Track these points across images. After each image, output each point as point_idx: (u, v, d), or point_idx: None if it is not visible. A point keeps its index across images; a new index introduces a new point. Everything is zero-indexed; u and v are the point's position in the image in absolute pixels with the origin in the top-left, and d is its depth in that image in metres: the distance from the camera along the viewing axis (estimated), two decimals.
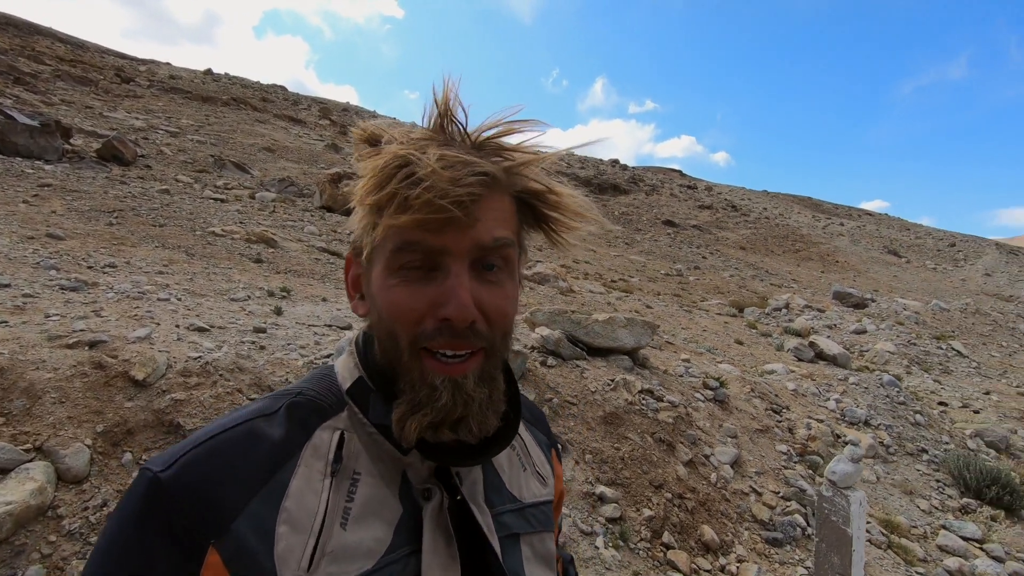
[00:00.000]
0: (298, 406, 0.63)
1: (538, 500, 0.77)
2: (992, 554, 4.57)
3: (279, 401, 0.64)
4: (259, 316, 4.98)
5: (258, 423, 0.60)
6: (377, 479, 0.62)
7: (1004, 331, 15.38)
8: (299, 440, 0.61)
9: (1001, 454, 6.67)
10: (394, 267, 0.60)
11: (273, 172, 16.73)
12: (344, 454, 0.61)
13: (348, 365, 0.69)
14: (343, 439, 0.62)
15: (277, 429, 0.60)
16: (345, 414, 0.65)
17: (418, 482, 0.63)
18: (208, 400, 2.92)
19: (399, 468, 0.63)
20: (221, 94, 28.18)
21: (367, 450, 0.63)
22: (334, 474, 0.60)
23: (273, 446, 0.59)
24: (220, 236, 8.95)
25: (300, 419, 0.62)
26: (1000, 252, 32.60)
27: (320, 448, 0.61)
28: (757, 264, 23.52)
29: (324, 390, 0.67)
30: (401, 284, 0.59)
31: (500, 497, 0.71)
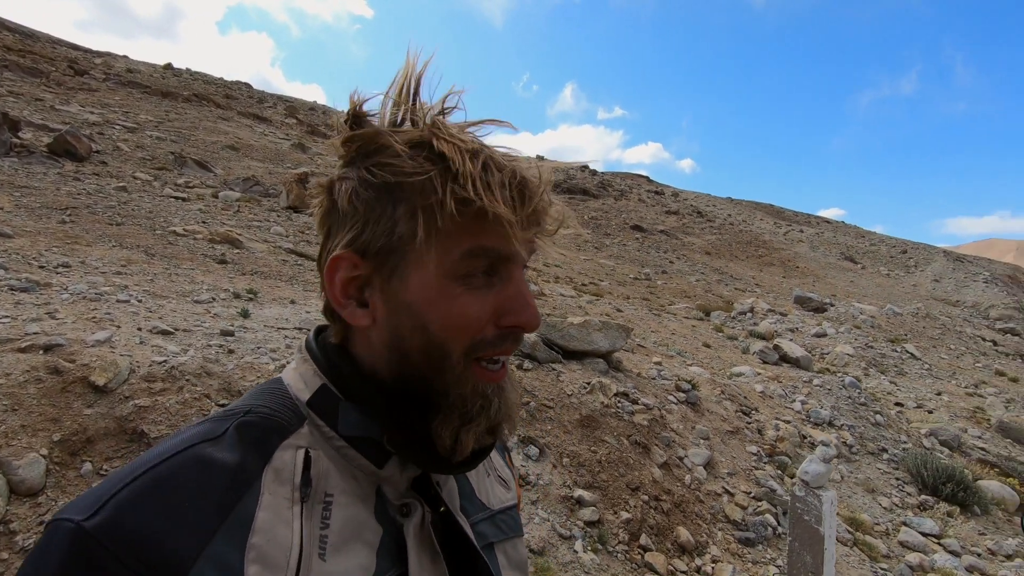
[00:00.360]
0: (250, 426, 0.54)
1: (505, 505, 0.74)
2: (949, 548, 4.77)
3: (224, 422, 0.54)
4: (225, 319, 4.81)
5: (204, 448, 0.50)
6: (352, 498, 0.55)
7: (952, 334, 16.15)
8: (257, 464, 0.51)
9: (954, 452, 6.98)
10: (459, 273, 0.54)
11: (237, 171, 16.26)
12: (312, 475, 0.53)
13: (304, 374, 0.60)
14: (309, 458, 0.54)
15: (229, 454, 0.50)
16: (306, 429, 0.56)
17: (395, 497, 0.57)
18: (174, 406, 2.79)
19: (373, 484, 0.57)
20: (182, 90, 27.27)
21: (336, 467, 0.55)
22: (304, 499, 0.51)
23: (228, 473, 0.49)
24: (182, 236, 8.64)
25: (254, 440, 0.53)
26: (947, 259, 34.28)
27: (283, 471, 0.52)
28: (722, 269, 24.09)
29: (277, 405, 0.57)
30: (467, 292, 0.54)
31: (472, 505, 0.67)
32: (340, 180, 0.57)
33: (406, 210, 0.53)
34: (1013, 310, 22.68)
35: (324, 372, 0.59)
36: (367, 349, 0.59)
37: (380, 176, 0.53)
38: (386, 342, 0.56)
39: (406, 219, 0.53)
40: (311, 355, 0.61)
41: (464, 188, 0.51)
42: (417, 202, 0.52)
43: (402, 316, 0.55)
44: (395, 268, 0.55)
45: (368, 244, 0.55)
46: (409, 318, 0.55)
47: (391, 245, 0.54)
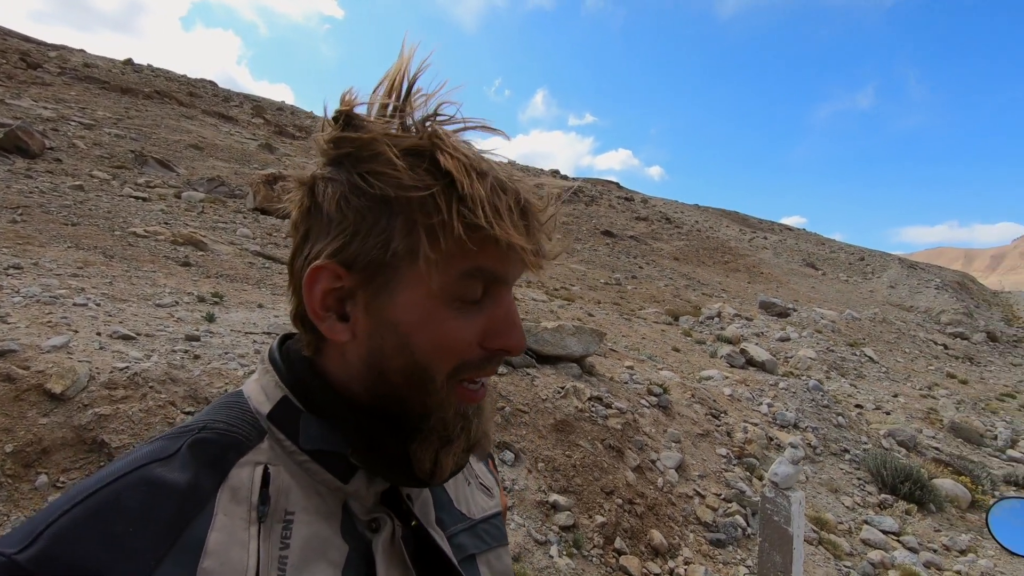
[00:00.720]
0: (204, 443, 0.51)
1: (487, 513, 0.71)
2: (907, 545, 4.94)
3: (178, 440, 0.51)
4: (190, 323, 4.65)
5: (153, 469, 0.47)
6: (315, 515, 0.52)
7: (907, 338, 16.82)
8: (211, 484, 0.48)
9: (910, 452, 7.26)
10: (454, 295, 0.52)
11: (201, 171, 15.80)
12: (271, 492, 0.50)
13: (265, 386, 0.57)
14: (268, 474, 0.51)
15: (180, 473, 0.47)
16: (266, 444, 0.53)
17: (362, 513, 0.55)
18: (137, 415, 2.68)
19: (339, 500, 0.54)
20: (143, 86, 26.38)
21: (298, 483, 0.52)
22: (261, 519, 0.49)
23: (178, 495, 0.46)
24: (143, 237, 8.34)
25: (210, 458, 0.50)
26: (902, 266, 35.75)
27: (240, 490, 0.49)
28: (690, 274, 24.56)
29: (235, 419, 0.54)
30: (456, 314, 0.52)
31: (451, 516, 0.65)
32: (324, 180, 0.53)
33: (403, 226, 0.50)
34: (962, 315, 23.77)
35: (286, 383, 0.56)
36: (340, 363, 0.56)
37: (376, 186, 0.50)
38: (364, 359, 0.54)
39: (403, 235, 0.50)
40: (273, 365, 0.58)
41: (474, 213, 0.48)
42: (417, 219, 0.49)
43: (386, 334, 0.52)
44: (384, 284, 0.51)
45: (356, 256, 0.51)
46: (393, 337, 0.52)
47: (383, 260, 0.51)
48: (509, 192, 0.51)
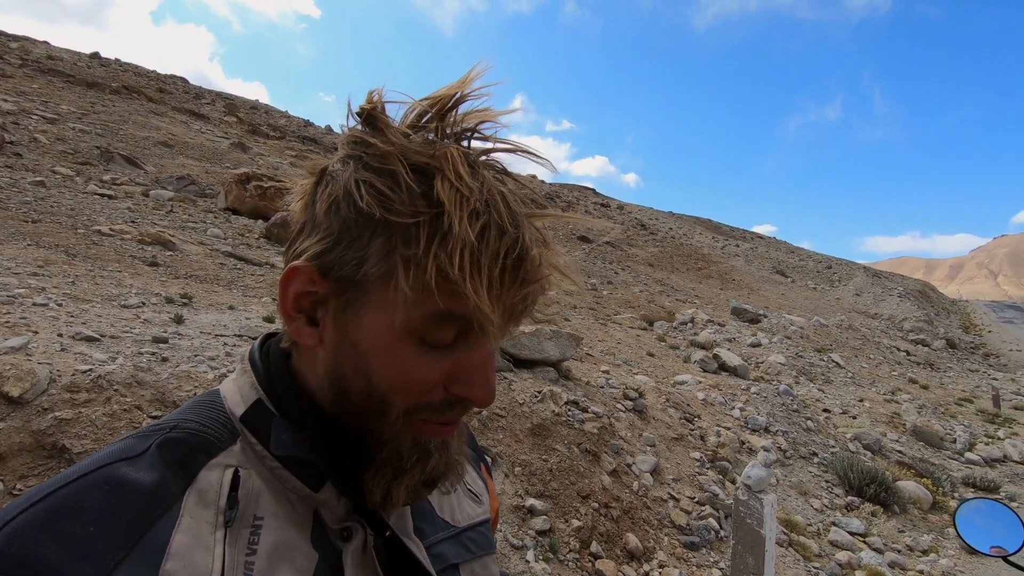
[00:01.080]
0: (174, 442, 0.49)
1: (474, 521, 0.69)
2: (873, 546, 5.07)
3: (148, 439, 0.49)
4: (157, 324, 4.51)
5: (119, 468, 0.45)
6: (284, 521, 0.50)
7: (871, 345, 17.34)
8: (178, 485, 0.47)
9: (876, 455, 7.46)
10: (420, 334, 0.48)
11: (171, 169, 15.40)
12: (240, 496, 0.49)
13: (242, 386, 0.55)
14: (237, 478, 0.49)
15: (146, 473, 0.46)
16: (238, 447, 0.52)
17: (334, 521, 0.53)
18: (101, 419, 2.57)
19: (310, 508, 0.52)
20: (110, 80, 25.61)
21: (269, 488, 0.51)
22: (228, 523, 0.47)
23: (142, 496, 0.44)
24: (108, 236, 8.07)
25: (178, 458, 0.48)
26: (867, 275, 36.91)
27: (207, 493, 0.48)
28: (664, 280, 24.90)
29: (208, 419, 0.53)
30: (416, 352, 0.48)
31: (432, 525, 0.63)
32: (329, 177, 0.51)
33: (381, 248, 0.47)
34: (923, 323, 24.64)
35: (262, 385, 0.55)
36: (311, 367, 0.54)
37: (365, 200, 0.46)
38: (329, 371, 0.52)
39: (378, 258, 0.47)
40: (252, 366, 0.57)
41: (450, 259, 0.44)
42: (396, 246, 0.46)
43: (347, 353, 0.50)
44: (351, 302, 0.49)
45: (332, 266, 0.49)
46: (354, 359, 0.50)
47: (354, 278, 0.48)
48: (506, 238, 0.46)
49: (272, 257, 9.90)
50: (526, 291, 0.48)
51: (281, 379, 0.55)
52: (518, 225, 0.47)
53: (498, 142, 0.52)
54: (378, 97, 0.51)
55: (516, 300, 0.48)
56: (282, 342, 0.58)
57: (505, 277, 0.46)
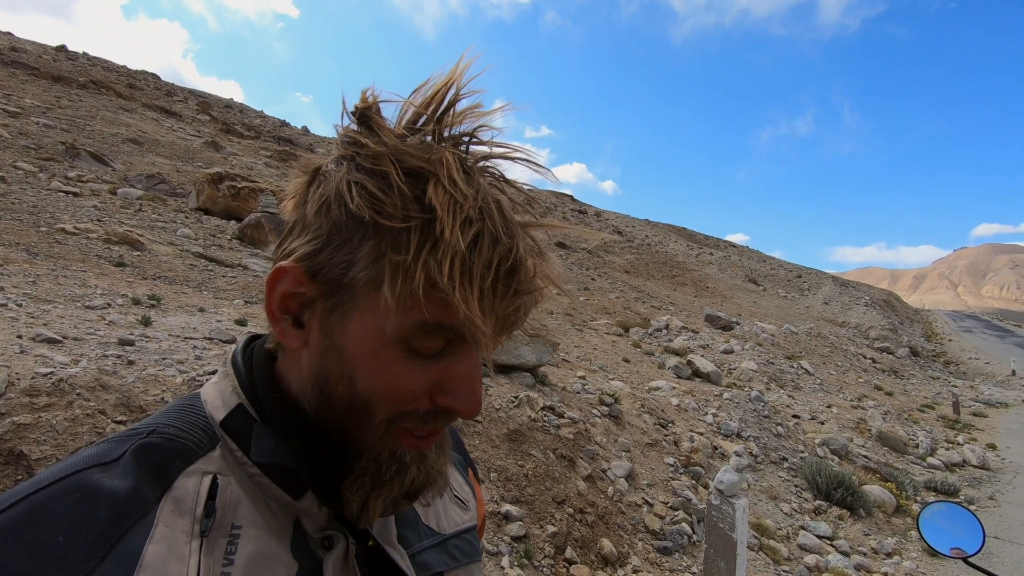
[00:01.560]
0: (151, 448, 0.47)
1: (460, 528, 0.68)
2: (840, 549, 5.19)
3: (123, 444, 0.47)
4: (124, 327, 4.38)
5: (92, 475, 0.44)
6: (263, 530, 0.49)
7: (839, 352, 17.80)
8: (153, 492, 0.45)
9: (843, 460, 7.64)
10: (407, 342, 0.47)
11: (140, 166, 15.00)
12: (218, 504, 0.47)
13: (223, 390, 0.54)
14: (216, 485, 0.48)
15: (120, 480, 0.44)
16: (218, 453, 0.50)
17: (315, 530, 0.52)
18: (62, 424, 2.48)
19: (291, 516, 0.51)
20: (77, 75, 24.87)
21: (248, 496, 0.49)
22: (204, 533, 0.45)
23: (116, 503, 0.43)
24: (72, 234, 7.81)
25: (154, 465, 0.47)
26: (835, 284, 37.93)
27: (184, 501, 0.46)
28: (640, 287, 25.17)
29: (187, 424, 0.51)
30: (403, 359, 0.47)
31: (416, 533, 0.62)
32: (322, 177, 0.50)
33: (371, 252, 0.46)
34: (888, 331, 25.39)
35: (244, 390, 0.53)
36: (295, 370, 0.53)
37: (356, 202, 0.45)
38: (312, 374, 0.51)
39: (367, 261, 0.46)
40: (234, 369, 0.55)
41: (439, 267, 0.43)
42: (386, 251, 0.45)
43: (332, 358, 0.49)
44: (339, 305, 0.48)
45: (321, 267, 0.48)
46: (338, 363, 0.48)
47: (342, 281, 0.47)
48: (499, 247, 0.45)
49: (245, 259, 9.71)
50: (519, 302, 0.47)
51: (264, 383, 0.53)
52: (513, 234, 0.46)
53: (496, 146, 0.51)
54: (373, 97, 0.50)
55: (509, 311, 0.47)
56: (267, 343, 0.57)
57: (498, 287, 0.45)
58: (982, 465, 8.78)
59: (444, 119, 0.49)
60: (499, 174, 0.51)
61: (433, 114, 0.49)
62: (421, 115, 0.49)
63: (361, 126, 0.49)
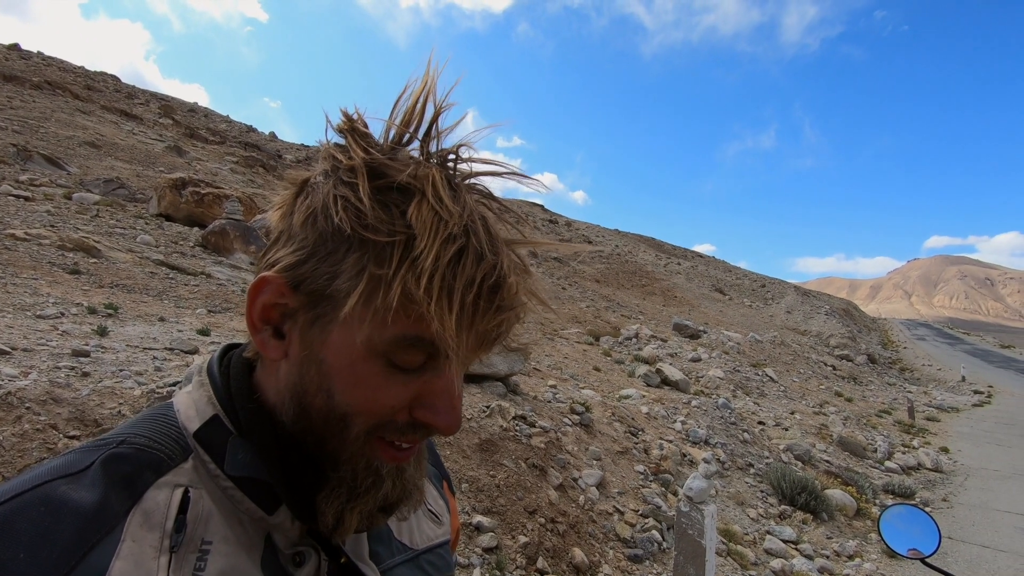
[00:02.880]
0: (120, 459, 0.46)
1: (433, 543, 0.67)
2: (804, 553, 5.31)
3: (92, 454, 0.46)
4: (78, 337, 4.21)
5: (57, 487, 0.43)
6: (234, 546, 0.48)
7: (802, 360, 18.31)
8: (122, 506, 0.44)
9: (806, 465, 7.84)
10: (386, 356, 0.47)
11: (97, 171, 14.47)
12: (188, 519, 0.46)
13: (197, 400, 0.53)
14: (187, 499, 0.47)
15: (87, 492, 0.43)
16: (190, 465, 0.49)
17: (286, 546, 0.51)
18: (10, 439, 2.35)
19: (262, 531, 0.51)
20: (31, 74, 23.92)
21: (220, 510, 0.49)
22: (174, 548, 0.44)
23: (81, 518, 0.42)
24: (23, 240, 7.47)
25: (123, 476, 0.45)
26: (797, 294, 39.10)
27: (154, 514, 0.45)
28: (610, 296, 25.46)
29: (159, 435, 0.50)
30: (383, 373, 0.47)
31: (388, 548, 0.61)
32: (311, 188, 0.50)
33: (354, 265, 0.46)
34: (847, 339, 26.27)
35: (220, 400, 0.53)
36: (272, 380, 0.52)
37: (342, 216, 0.46)
38: (291, 386, 0.50)
39: (350, 274, 0.46)
40: (210, 379, 0.54)
41: (417, 282, 0.43)
42: (368, 264, 0.45)
43: (312, 369, 0.49)
44: (320, 316, 0.48)
45: (304, 279, 0.48)
46: (318, 375, 0.48)
47: (325, 292, 0.47)
48: (483, 264, 0.45)
49: (209, 266, 9.44)
50: (501, 318, 0.47)
51: (241, 394, 0.53)
52: (497, 252, 0.47)
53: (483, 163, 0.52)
54: (358, 115, 0.50)
55: (490, 327, 0.47)
56: (246, 352, 0.56)
57: (480, 303, 0.45)
58: (936, 468, 9.12)
59: (429, 135, 0.50)
60: (486, 191, 0.52)
61: (416, 131, 0.50)
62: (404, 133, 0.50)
63: (348, 141, 0.49)
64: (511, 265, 0.48)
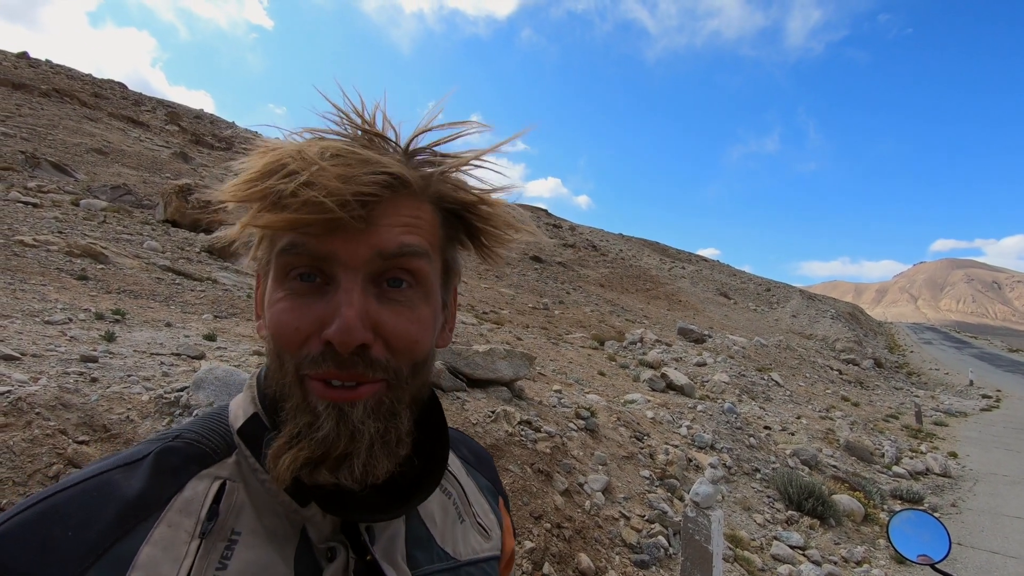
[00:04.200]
0: (171, 451, 0.51)
1: (478, 557, 0.66)
2: (812, 559, 5.27)
3: (151, 446, 0.51)
4: (86, 343, 4.23)
5: (114, 475, 0.48)
6: (263, 539, 0.50)
7: (807, 364, 18.22)
8: (165, 493, 0.48)
9: (812, 470, 7.79)
10: (281, 276, 0.51)
11: (105, 177, 14.58)
12: (222, 508, 0.49)
13: (244, 401, 0.58)
14: (224, 490, 0.50)
15: (136, 482, 0.48)
16: (233, 460, 0.53)
17: (319, 540, 0.52)
18: (20, 444, 2.37)
19: (298, 524, 0.52)
20: (39, 83, 24.16)
21: (255, 503, 0.51)
22: (204, 535, 0.47)
23: (124, 504, 0.46)
24: (31, 247, 7.54)
25: (171, 468, 0.50)
26: (803, 297, 38.95)
27: (192, 502, 0.48)
28: (614, 301, 25.42)
29: (209, 431, 0.54)
30: (287, 298, 0.50)
31: (428, 554, 0.61)
32: None
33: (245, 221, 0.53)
34: (853, 343, 26.13)
35: (261, 400, 0.57)
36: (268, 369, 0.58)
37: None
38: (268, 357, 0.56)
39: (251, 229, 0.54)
40: (256, 382, 0.59)
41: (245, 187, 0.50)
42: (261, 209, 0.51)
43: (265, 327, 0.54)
44: (265, 279, 0.55)
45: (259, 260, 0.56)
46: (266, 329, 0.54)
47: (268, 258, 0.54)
48: (273, 155, 0.50)
49: (215, 272, 9.49)
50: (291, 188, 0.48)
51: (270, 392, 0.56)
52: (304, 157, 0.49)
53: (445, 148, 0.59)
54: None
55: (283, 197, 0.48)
56: None
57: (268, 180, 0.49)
58: (944, 473, 9.04)
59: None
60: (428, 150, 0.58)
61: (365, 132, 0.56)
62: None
63: None
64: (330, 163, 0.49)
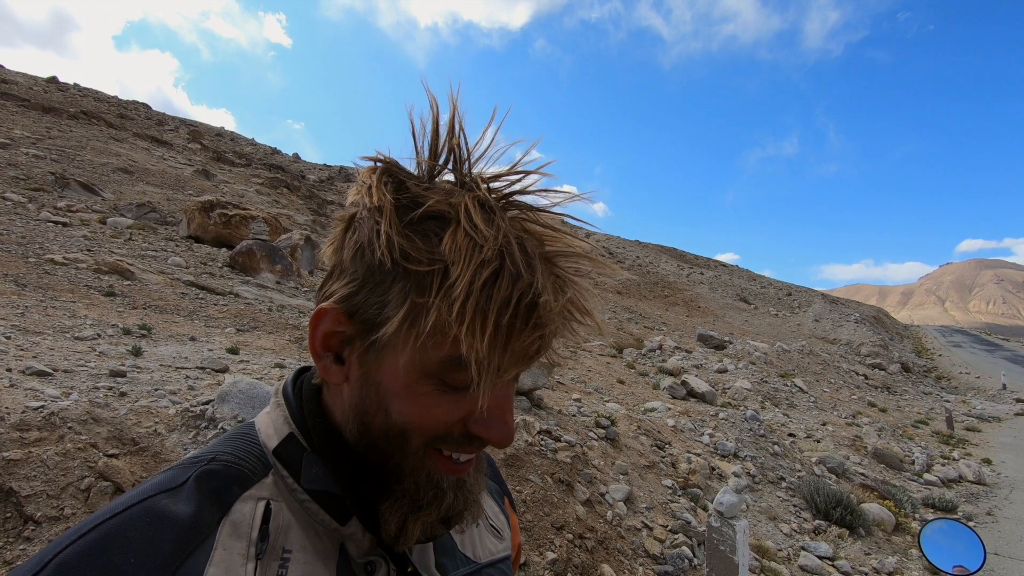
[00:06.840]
0: (211, 475, 0.51)
1: (495, 557, 0.70)
2: (841, 570, 5.14)
3: (187, 471, 0.51)
4: (114, 357, 4.34)
5: (159, 500, 0.48)
6: (311, 555, 0.52)
7: (831, 369, 17.86)
8: (214, 517, 0.49)
9: (840, 478, 7.62)
10: (432, 372, 0.49)
11: (130, 196, 14.98)
12: (271, 529, 0.51)
13: (275, 420, 0.58)
14: (269, 510, 0.52)
15: (184, 506, 0.48)
16: (271, 479, 0.54)
17: (359, 555, 0.55)
18: (53, 458, 2.44)
19: (337, 541, 0.55)
20: (68, 105, 24.97)
21: (298, 521, 0.53)
22: (259, 555, 0.49)
23: (180, 528, 0.47)
24: (61, 265, 7.76)
25: (214, 490, 0.50)
26: (825, 302, 38.25)
27: (241, 525, 0.50)
28: (632, 308, 25.25)
29: (243, 452, 0.55)
30: (436, 392, 0.50)
31: (452, 560, 0.64)
32: (357, 223, 0.53)
33: (399, 294, 0.49)
34: (879, 347, 25.54)
35: (295, 420, 0.57)
36: (338, 403, 0.57)
37: (383, 251, 0.49)
38: (353, 406, 0.54)
39: (397, 303, 0.49)
40: (285, 400, 0.60)
41: (450, 308, 0.45)
42: (411, 292, 0.48)
43: (370, 391, 0.52)
44: (374, 343, 0.51)
45: (357, 308, 0.51)
46: (376, 396, 0.52)
47: (376, 320, 0.50)
48: (519, 283, 0.46)
49: (236, 286, 9.66)
50: (537, 335, 0.48)
51: (312, 414, 0.57)
52: (533, 270, 0.48)
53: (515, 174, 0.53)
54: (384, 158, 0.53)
55: (527, 344, 0.48)
56: (313, 378, 0.61)
57: (516, 324, 0.47)
58: (978, 480, 8.77)
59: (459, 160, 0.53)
60: (525, 205, 0.54)
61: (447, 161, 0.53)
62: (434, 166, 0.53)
63: (373, 183, 0.52)
64: (546, 283, 0.48)
